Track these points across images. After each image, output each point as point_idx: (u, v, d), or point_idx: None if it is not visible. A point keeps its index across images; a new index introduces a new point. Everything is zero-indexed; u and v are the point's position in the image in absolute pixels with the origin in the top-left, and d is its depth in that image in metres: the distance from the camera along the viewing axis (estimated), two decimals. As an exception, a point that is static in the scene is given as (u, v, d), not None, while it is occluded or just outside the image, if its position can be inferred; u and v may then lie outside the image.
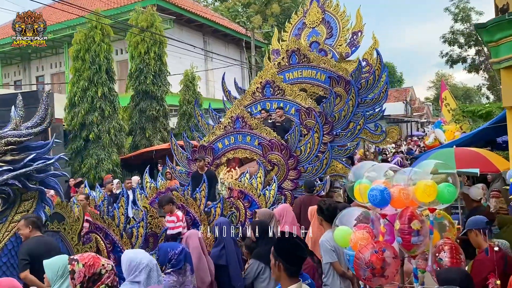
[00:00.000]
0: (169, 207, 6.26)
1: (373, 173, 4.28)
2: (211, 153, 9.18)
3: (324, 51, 10.98)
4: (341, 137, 8.89)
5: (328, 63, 10.01)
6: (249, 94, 9.96)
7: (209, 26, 25.87)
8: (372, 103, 9.68)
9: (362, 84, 9.73)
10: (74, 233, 5.68)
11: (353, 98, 8.94)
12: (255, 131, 8.86)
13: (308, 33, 11.70)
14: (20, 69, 27.16)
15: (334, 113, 9.05)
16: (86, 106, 12.82)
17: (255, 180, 7.96)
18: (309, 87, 10.17)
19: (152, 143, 14.55)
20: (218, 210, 6.61)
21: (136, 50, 15.10)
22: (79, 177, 12.79)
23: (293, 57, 10.27)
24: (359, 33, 11.34)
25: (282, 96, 9.56)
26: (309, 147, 8.53)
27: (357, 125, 8.74)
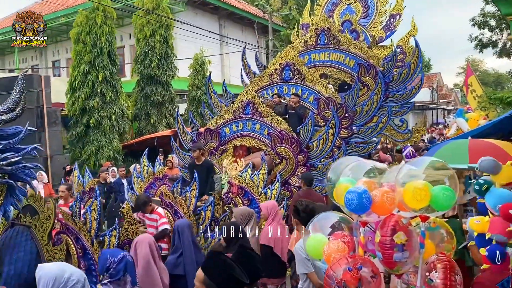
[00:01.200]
0: (148, 207, 5.70)
1: (356, 170, 3.57)
2: (217, 138, 8.51)
3: (356, 32, 10.13)
4: (361, 133, 8.08)
5: (359, 48, 9.15)
6: (266, 75, 9.21)
7: (225, 9, 25.09)
8: (402, 99, 8.83)
9: (393, 76, 8.84)
10: (44, 232, 5.20)
11: (379, 92, 8.09)
12: (265, 120, 8.16)
13: (343, 10, 10.87)
14: (37, 53, 27.10)
15: (357, 106, 8.21)
16: (86, 90, 12.38)
17: (257, 177, 7.27)
18: (335, 72, 9.40)
19: (157, 130, 14.04)
20: (208, 214, 5.99)
21: (141, 33, 14.53)
22: (80, 164, 12.45)
23: (322, 36, 9.45)
24: (397, 16, 10.41)
25: (301, 81, 8.80)
26: (322, 143, 7.80)
27: (379, 122, 7.92)
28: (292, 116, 8.58)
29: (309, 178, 6.55)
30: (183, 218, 5.08)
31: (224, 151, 8.53)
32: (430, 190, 3.11)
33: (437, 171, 3.38)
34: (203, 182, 7.49)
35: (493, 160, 2.89)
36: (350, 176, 3.49)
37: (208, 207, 5.96)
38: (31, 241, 5.03)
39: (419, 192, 3.06)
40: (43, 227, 5.11)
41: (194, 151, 7.65)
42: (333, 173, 3.70)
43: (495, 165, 2.88)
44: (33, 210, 5.25)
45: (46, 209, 5.13)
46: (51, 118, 10.80)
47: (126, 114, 13.50)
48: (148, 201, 5.69)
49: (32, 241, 5.04)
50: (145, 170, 7.92)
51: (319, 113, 8.32)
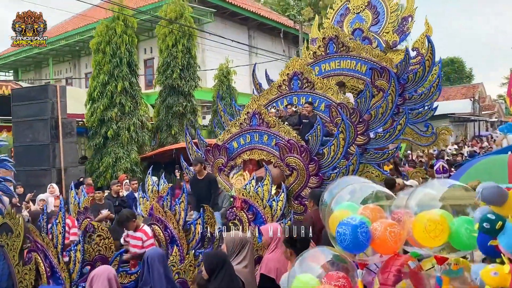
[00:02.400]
0: (131, 224, 5.19)
1: (357, 194, 2.90)
2: (225, 153, 8.02)
3: (368, 39, 9.64)
4: (378, 139, 7.45)
5: (370, 52, 8.70)
6: (274, 87, 8.75)
7: (254, 20, 24.77)
8: (421, 100, 8.38)
9: (409, 77, 8.36)
10: (15, 250, 4.77)
11: (393, 92, 7.46)
12: (272, 130, 7.59)
13: (352, 19, 10.50)
14: (71, 66, 27.71)
15: (371, 110, 7.61)
16: (105, 101, 12.15)
17: (261, 188, 6.70)
18: (348, 80, 8.93)
19: (178, 141, 13.64)
20: (198, 228, 5.39)
21: (164, 43, 14.27)
22: (96, 176, 12.19)
23: (330, 45, 9.02)
24: (409, 18, 10.01)
25: (311, 90, 8.26)
26: (333, 150, 7.13)
27: (397, 125, 7.24)
28: (306, 125, 8.00)
29: (317, 196, 5.84)
30: (155, 247, 4.49)
31: (233, 167, 8.03)
32: (449, 223, 2.38)
33: (460, 196, 2.64)
34: (205, 198, 6.98)
35: (497, 187, 2.11)
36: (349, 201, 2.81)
37: (197, 220, 5.38)
38: (3, 261, 4.59)
39: (434, 226, 2.34)
40: (14, 245, 4.68)
41: (195, 165, 7.15)
42: (329, 195, 3.01)
43: (499, 193, 2.11)
44: (8, 228, 4.84)
45: (16, 226, 4.71)
46: (66, 129, 10.58)
47: (146, 125, 13.17)
48: (131, 217, 5.19)
49: (5, 261, 4.61)
50: (149, 189, 7.47)
51: (331, 121, 7.68)
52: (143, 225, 5.41)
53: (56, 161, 10.38)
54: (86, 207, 6.82)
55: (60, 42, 24.77)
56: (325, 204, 3.01)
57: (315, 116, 8.03)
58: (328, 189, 3.15)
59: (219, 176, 8.11)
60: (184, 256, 5.18)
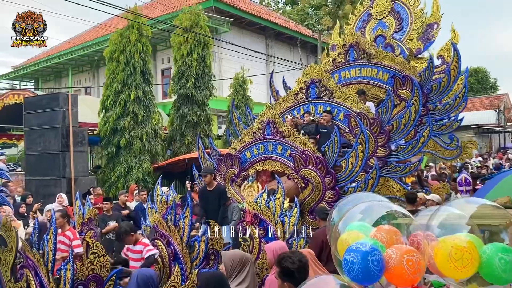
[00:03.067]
0: (130, 238, 4.90)
1: (370, 213, 2.53)
2: (237, 163, 7.72)
3: (391, 47, 9.28)
4: (400, 151, 7.06)
5: (392, 60, 8.36)
6: (291, 95, 8.49)
7: (272, 29, 24.59)
8: (446, 110, 7.97)
9: (433, 86, 7.98)
10: (7, 266, 4.50)
11: (416, 102, 7.08)
12: (287, 140, 7.25)
13: (374, 26, 10.21)
14: (90, 75, 27.95)
15: (392, 120, 7.25)
16: (118, 110, 11.99)
17: (272, 202, 6.33)
18: (369, 89, 8.58)
19: (191, 151, 13.39)
20: (202, 245, 5.04)
21: (179, 52, 14.11)
22: (108, 186, 12.00)
23: (351, 52, 8.76)
24: (434, 25, 9.64)
25: (329, 98, 7.99)
26: (351, 162, 6.74)
27: (420, 136, 6.85)
28: (324, 135, 7.65)
29: (323, 212, 5.46)
30: (147, 269, 4.14)
31: (246, 177, 7.70)
32: (479, 251, 1.98)
33: (490, 216, 2.25)
34: (214, 210, 6.67)
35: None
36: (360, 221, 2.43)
37: (202, 237, 5.02)
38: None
39: (461, 254, 1.96)
40: (6, 260, 4.40)
41: (204, 176, 6.84)
42: (337, 214, 2.64)
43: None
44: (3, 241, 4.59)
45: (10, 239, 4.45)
46: (77, 138, 10.42)
47: (159, 134, 12.96)
48: (129, 231, 4.90)
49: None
50: (158, 199, 7.21)
51: (350, 131, 7.30)
52: (142, 237, 5.11)
53: (66, 171, 10.22)
54: (90, 218, 6.58)
55: (79, 52, 25.01)
56: (333, 223, 2.63)
57: (333, 126, 7.68)
58: (337, 206, 2.77)
59: (231, 186, 7.80)
60: (187, 276, 4.83)
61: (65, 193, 9.72)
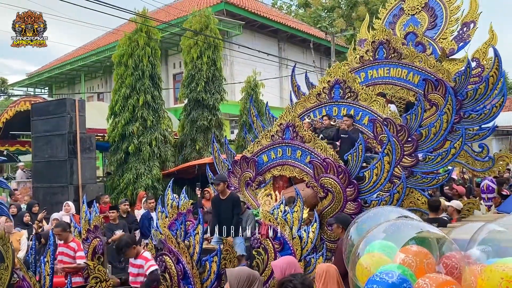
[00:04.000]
0: (131, 251, 4.57)
1: (395, 233, 2.13)
2: (253, 167, 7.33)
3: (422, 45, 8.79)
4: (428, 161, 6.58)
5: (425, 62, 7.83)
6: (313, 95, 8.08)
7: (284, 32, 24.25)
8: (480, 119, 7.34)
9: (468, 93, 7.40)
10: (3, 285, 4.22)
11: (449, 110, 6.63)
12: (307, 145, 6.82)
13: (406, 21, 9.68)
14: (102, 81, 27.96)
15: (422, 128, 6.79)
16: (127, 115, 11.74)
17: (290, 215, 5.91)
18: (397, 90, 8.12)
19: (202, 156, 13.06)
20: (214, 266, 4.69)
21: (188, 55, 13.83)
22: (117, 193, 11.74)
23: (380, 50, 8.28)
24: (471, 24, 9.03)
25: (354, 101, 7.57)
26: (376, 174, 6.26)
27: (451, 147, 6.37)
28: (345, 141, 7.26)
29: (346, 222, 5.02)
30: None
31: (262, 182, 7.32)
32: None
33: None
34: (227, 219, 6.31)
35: None
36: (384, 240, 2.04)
37: (213, 257, 4.66)
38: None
39: None
40: (2, 278, 4.11)
41: (217, 184, 6.48)
42: (356, 232, 2.25)
43: None
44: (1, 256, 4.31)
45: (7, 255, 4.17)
46: (84, 144, 10.18)
47: (169, 140, 12.67)
48: (131, 243, 4.58)
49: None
50: (169, 204, 6.91)
51: (375, 138, 6.86)
52: (143, 250, 4.78)
53: (73, 178, 9.98)
54: (96, 226, 6.30)
55: (92, 58, 25.01)
56: (351, 243, 2.24)
57: (356, 131, 7.24)
58: (356, 222, 2.38)
59: (246, 191, 7.43)
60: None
61: (73, 201, 9.47)
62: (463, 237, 2.12)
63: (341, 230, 5.08)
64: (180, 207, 6.65)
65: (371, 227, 2.15)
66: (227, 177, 7.47)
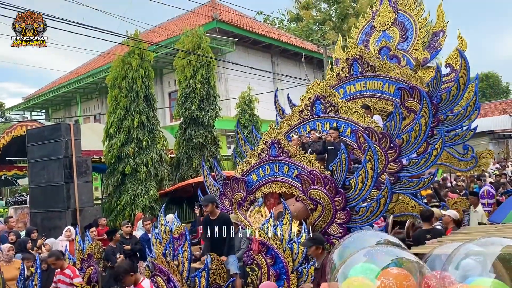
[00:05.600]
0: (129, 279, 4.58)
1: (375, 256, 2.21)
2: (243, 187, 7.43)
3: (396, 58, 9.06)
4: (413, 165, 6.74)
5: (397, 71, 8.09)
6: (296, 113, 8.23)
7: (277, 46, 24.49)
8: (458, 120, 7.69)
9: (442, 96, 7.68)
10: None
11: (425, 114, 6.79)
12: (293, 160, 6.95)
13: (378, 38, 9.97)
14: (99, 102, 28.08)
15: (402, 133, 6.96)
16: (122, 137, 11.81)
17: (279, 228, 6.03)
18: (376, 102, 8.33)
19: (198, 174, 13.09)
20: (203, 281, 4.73)
21: (182, 75, 13.98)
22: (115, 215, 11.74)
23: (355, 66, 8.52)
24: (440, 33, 9.37)
25: (335, 114, 7.72)
26: (361, 181, 6.38)
27: (432, 149, 6.53)
28: (332, 153, 7.36)
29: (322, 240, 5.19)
30: None
31: (253, 201, 7.41)
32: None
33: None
34: (219, 240, 6.37)
35: None
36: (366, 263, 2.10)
37: (202, 272, 4.70)
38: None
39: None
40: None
41: (205, 205, 6.55)
42: (339, 255, 2.31)
43: None
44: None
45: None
46: (81, 168, 10.24)
47: (165, 159, 12.72)
48: (129, 270, 4.58)
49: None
50: (162, 229, 6.92)
51: (359, 147, 7.00)
52: (143, 279, 4.78)
53: (71, 202, 10.01)
54: (89, 254, 6.33)
55: (87, 80, 25.17)
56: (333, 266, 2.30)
57: (341, 143, 7.38)
58: (340, 245, 2.44)
59: (238, 211, 7.49)
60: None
61: (71, 224, 9.49)
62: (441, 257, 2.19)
63: (321, 250, 5.19)
64: (174, 231, 6.67)
65: (352, 251, 2.21)
66: (219, 199, 7.56)
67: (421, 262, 2.09)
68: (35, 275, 3.99)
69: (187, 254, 4.84)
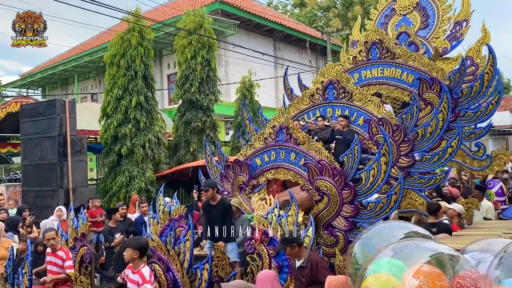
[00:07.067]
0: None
1: (405, 251, 1.91)
2: (246, 171, 7.10)
3: (415, 45, 8.68)
4: (425, 161, 6.47)
5: (418, 61, 7.74)
6: (306, 96, 7.93)
7: (280, 31, 24.06)
8: (476, 118, 7.30)
9: (463, 91, 7.33)
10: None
11: (444, 108, 6.51)
12: (301, 148, 6.62)
13: (398, 22, 9.60)
14: (96, 82, 27.67)
15: (418, 127, 6.67)
16: (119, 117, 11.49)
17: (284, 219, 5.73)
18: (391, 90, 8.02)
19: (196, 158, 12.83)
20: (205, 274, 4.48)
21: (182, 56, 13.60)
22: (109, 196, 11.49)
23: (373, 50, 8.19)
24: (463, 23, 8.94)
25: (348, 101, 7.42)
26: (373, 175, 6.06)
27: (448, 146, 6.25)
28: (340, 142, 7.09)
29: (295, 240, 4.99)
30: None
31: (256, 186, 7.12)
32: None
33: None
34: (219, 226, 6.12)
35: None
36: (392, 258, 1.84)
37: (204, 265, 4.45)
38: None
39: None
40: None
41: (206, 190, 6.27)
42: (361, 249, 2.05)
43: None
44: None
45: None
46: (75, 146, 9.93)
47: (162, 142, 12.43)
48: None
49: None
50: (160, 209, 6.68)
51: (370, 138, 6.69)
52: (143, 265, 4.53)
53: (64, 181, 9.72)
54: (83, 234, 6.07)
55: (85, 59, 24.72)
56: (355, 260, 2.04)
57: (351, 133, 7.08)
58: (360, 238, 2.17)
59: (239, 195, 7.23)
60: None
61: (63, 204, 9.22)
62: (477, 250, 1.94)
63: (297, 247, 4.97)
64: (172, 213, 6.44)
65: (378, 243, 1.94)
66: (220, 182, 7.27)
67: (458, 254, 1.82)
68: (26, 262, 3.72)
69: (189, 244, 4.57)
